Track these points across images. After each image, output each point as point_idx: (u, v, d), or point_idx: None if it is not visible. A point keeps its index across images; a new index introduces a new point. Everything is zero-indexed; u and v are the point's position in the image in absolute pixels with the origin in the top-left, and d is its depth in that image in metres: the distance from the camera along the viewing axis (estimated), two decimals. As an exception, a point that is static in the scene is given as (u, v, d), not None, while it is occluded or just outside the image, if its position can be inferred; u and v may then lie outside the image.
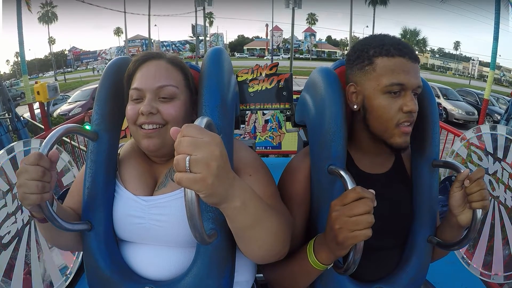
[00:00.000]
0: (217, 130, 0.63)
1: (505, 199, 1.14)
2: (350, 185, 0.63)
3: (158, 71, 0.77)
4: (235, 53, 54.94)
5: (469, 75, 41.58)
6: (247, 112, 1.29)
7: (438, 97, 10.71)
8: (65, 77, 30.37)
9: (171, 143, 0.49)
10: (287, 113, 1.29)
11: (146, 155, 0.83)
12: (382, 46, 0.75)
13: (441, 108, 9.54)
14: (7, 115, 3.46)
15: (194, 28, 35.85)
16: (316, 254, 0.67)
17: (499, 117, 6.81)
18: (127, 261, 0.78)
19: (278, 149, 3.41)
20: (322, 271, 0.69)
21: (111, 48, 47.07)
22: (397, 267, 0.84)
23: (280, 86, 1.26)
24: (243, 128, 3.20)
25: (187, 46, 49.35)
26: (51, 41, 41.49)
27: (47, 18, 41.17)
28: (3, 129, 3.27)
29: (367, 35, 0.88)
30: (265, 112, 3.32)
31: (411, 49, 0.75)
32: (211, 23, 50.03)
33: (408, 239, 0.84)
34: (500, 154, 1.16)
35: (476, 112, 10.21)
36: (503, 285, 1.35)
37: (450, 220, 0.78)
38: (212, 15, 50.25)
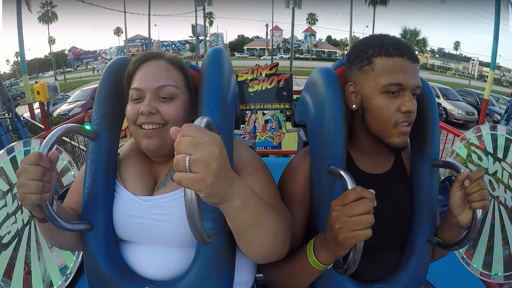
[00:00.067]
0: (217, 130, 0.63)
1: (505, 199, 1.13)
2: (350, 185, 0.63)
3: (158, 71, 0.77)
4: (235, 53, 54.94)
5: (469, 75, 41.60)
6: (247, 112, 1.29)
7: (438, 97, 10.71)
8: (65, 77, 30.38)
9: (171, 143, 0.49)
10: (287, 113, 1.28)
11: (146, 155, 0.83)
12: (381, 46, 0.75)
13: (441, 108, 9.54)
14: (7, 115, 3.46)
15: (194, 28, 35.88)
16: (316, 254, 0.67)
17: (499, 117, 6.81)
18: (127, 261, 0.78)
19: (278, 149, 3.41)
20: (322, 271, 0.69)
21: (111, 48, 47.09)
22: (397, 267, 0.84)
23: (280, 86, 1.26)
24: (243, 128, 3.20)
25: (187, 46, 49.37)
26: (51, 41, 41.49)
27: (47, 18, 41.16)
28: (3, 129, 3.27)
29: (367, 35, 0.88)
30: (265, 112, 3.32)
31: (410, 49, 0.75)
32: (211, 23, 50.03)
33: (408, 239, 0.84)
34: (500, 154, 1.16)
35: (476, 112, 10.21)
36: (503, 285, 1.35)
37: (450, 220, 0.78)
38: (212, 15, 50.26)
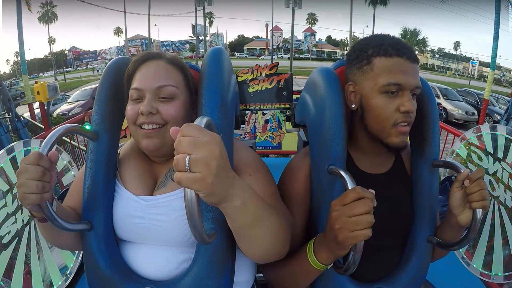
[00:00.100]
0: (217, 130, 0.63)
1: (505, 199, 1.13)
2: (350, 185, 0.63)
3: (158, 71, 0.77)
4: (235, 53, 54.93)
5: (469, 75, 41.59)
6: (247, 112, 1.29)
7: (438, 97, 10.70)
8: (65, 76, 30.38)
9: (171, 143, 0.49)
10: (287, 113, 1.28)
11: (146, 155, 0.83)
12: (381, 46, 0.75)
13: (441, 108, 9.54)
14: (7, 115, 3.46)
15: (194, 28, 35.89)
16: (316, 254, 0.67)
17: (499, 117, 6.81)
18: (127, 261, 0.78)
19: (278, 149, 3.41)
20: (322, 271, 0.69)
21: (111, 48, 47.11)
22: (397, 267, 0.84)
23: (280, 86, 1.26)
24: (243, 128, 3.20)
25: (187, 46, 49.39)
26: (51, 40, 41.50)
27: (47, 17, 41.17)
28: (3, 129, 3.27)
29: (367, 35, 0.88)
30: (265, 112, 3.32)
31: (410, 49, 0.75)
32: (211, 23, 50.04)
33: (408, 239, 0.84)
34: (500, 154, 1.16)
35: (476, 112, 10.21)
36: (503, 285, 1.35)
37: (450, 220, 0.78)
38: (212, 15, 50.26)
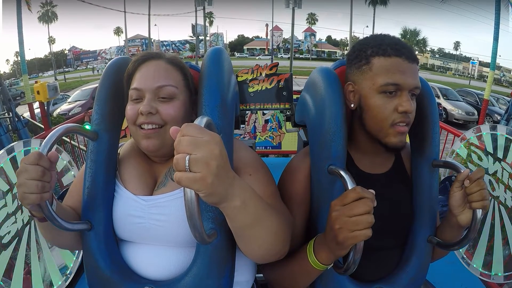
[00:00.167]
0: (217, 129, 0.63)
1: (505, 199, 1.13)
2: (350, 185, 0.63)
3: (158, 71, 0.77)
4: (235, 53, 54.92)
5: (469, 76, 41.59)
6: (247, 112, 1.29)
7: (438, 97, 10.71)
8: (65, 76, 30.38)
9: (171, 143, 0.49)
10: (287, 113, 1.29)
11: (146, 154, 0.83)
12: (380, 46, 0.75)
13: (441, 108, 9.53)
14: (7, 114, 3.46)
15: (194, 27, 35.89)
16: (316, 254, 0.67)
17: (499, 117, 6.82)
18: (127, 261, 0.78)
19: (278, 149, 3.41)
20: (322, 271, 0.69)
21: (111, 48, 47.11)
22: (397, 267, 0.84)
23: (280, 86, 1.26)
24: (243, 128, 3.20)
25: (187, 45, 49.38)
26: (51, 40, 41.50)
27: (47, 17, 41.16)
28: (3, 129, 3.28)
29: (367, 35, 0.88)
30: (265, 112, 3.32)
31: (409, 49, 0.75)
32: (211, 23, 50.04)
33: (408, 239, 0.84)
34: (500, 154, 1.16)
35: (476, 112, 10.21)
36: (503, 285, 1.34)
37: (450, 220, 0.78)
38: (212, 15, 50.26)
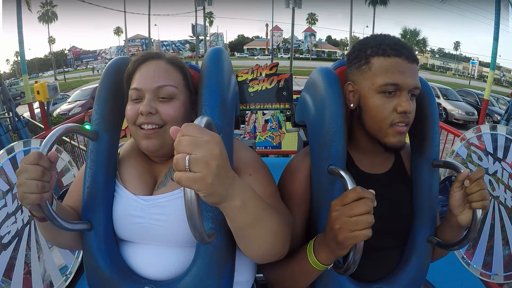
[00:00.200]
0: (217, 129, 0.63)
1: (505, 199, 1.14)
2: (350, 185, 0.63)
3: (157, 71, 0.77)
4: (235, 53, 54.91)
5: (469, 76, 41.59)
6: (247, 112, 1.29)
7: (438, 97, 10.70)
8: (65, 76, 30.37)
9: (171, 143, 0.49)
10: (287, 113, 1.29)
11: (146, 154, 0.83)
12: (379, 46, 0.75)
13: (441, 108, 9.53)
14: (7, 114, 3.46)
15: (194, 27, 35.88)
16: (316, 254, 0.67)
17: (499, 117, 6.82)
18: (127, 261, 0.78)
19: (278, 149, 3.40)
20: (322, 271, 0.69)
21: (111, 48, 47.09)
22: (397, 267, 0.84)
23: (280, 86, 1.26)
24: (243, 128, 3.20)
25: (187, 45, 49.36)
26: (51, 40, 41.49)
27: (47, 17, 41.15)
28: (3, 129, 3.28)
29: (367, 35, 0.88)
30: (265, 112, 3.32)
31: (409, 49, 0.75)
32: (211, 22, 50.02)
33: (408, 239, 0.84)
34: (500, 154, 1.16)
35: (476, 112, 10.21)
36: (503, 285, 1.35)
37: (450, 220, 0.78)
38: (212, 15, 50.24)
